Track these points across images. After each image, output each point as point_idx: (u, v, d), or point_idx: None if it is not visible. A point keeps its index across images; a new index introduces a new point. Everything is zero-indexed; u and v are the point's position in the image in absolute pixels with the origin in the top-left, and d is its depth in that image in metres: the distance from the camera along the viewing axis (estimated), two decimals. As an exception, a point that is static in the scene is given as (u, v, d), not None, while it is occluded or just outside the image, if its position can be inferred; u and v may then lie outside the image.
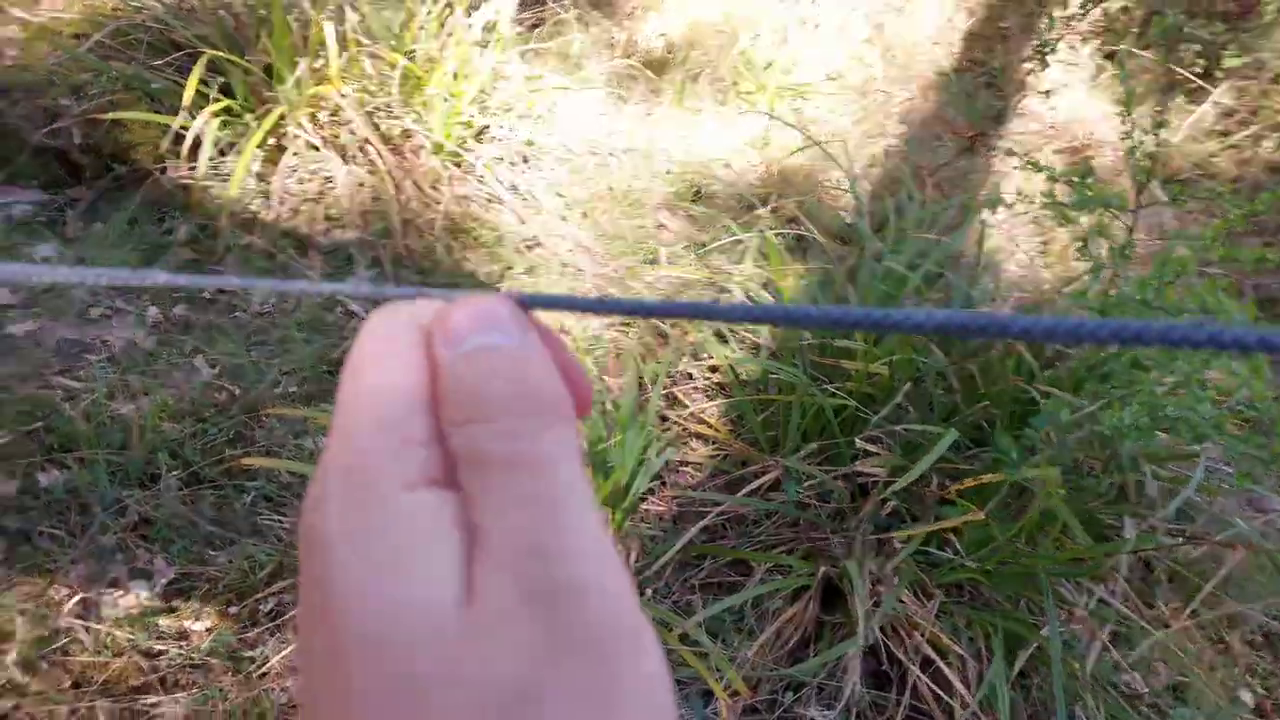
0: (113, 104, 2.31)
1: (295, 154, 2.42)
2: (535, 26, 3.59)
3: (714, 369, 2.23)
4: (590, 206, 2.75)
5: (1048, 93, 3.16)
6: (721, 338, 2.23)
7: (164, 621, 1.63)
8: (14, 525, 1.68)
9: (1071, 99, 3.44)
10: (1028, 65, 3.25)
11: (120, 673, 1.55)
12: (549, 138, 2.89)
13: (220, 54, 2.33)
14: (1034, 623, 1.73)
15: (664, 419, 2.12)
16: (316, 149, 2.44)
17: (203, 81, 2.32)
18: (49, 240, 2.19)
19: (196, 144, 2.33)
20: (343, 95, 2.41)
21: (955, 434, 1.78)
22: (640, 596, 1.73)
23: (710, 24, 3.77)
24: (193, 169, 2.34)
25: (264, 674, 1.59)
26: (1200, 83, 3.46)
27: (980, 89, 3.53)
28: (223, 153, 2.42)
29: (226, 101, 2.36)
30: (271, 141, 2.41)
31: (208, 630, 1.63)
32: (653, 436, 1.92)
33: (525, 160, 2.78)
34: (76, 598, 1.61)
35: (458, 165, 2.61)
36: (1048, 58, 2.92)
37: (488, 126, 2.71)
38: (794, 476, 1.90)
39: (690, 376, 2.24)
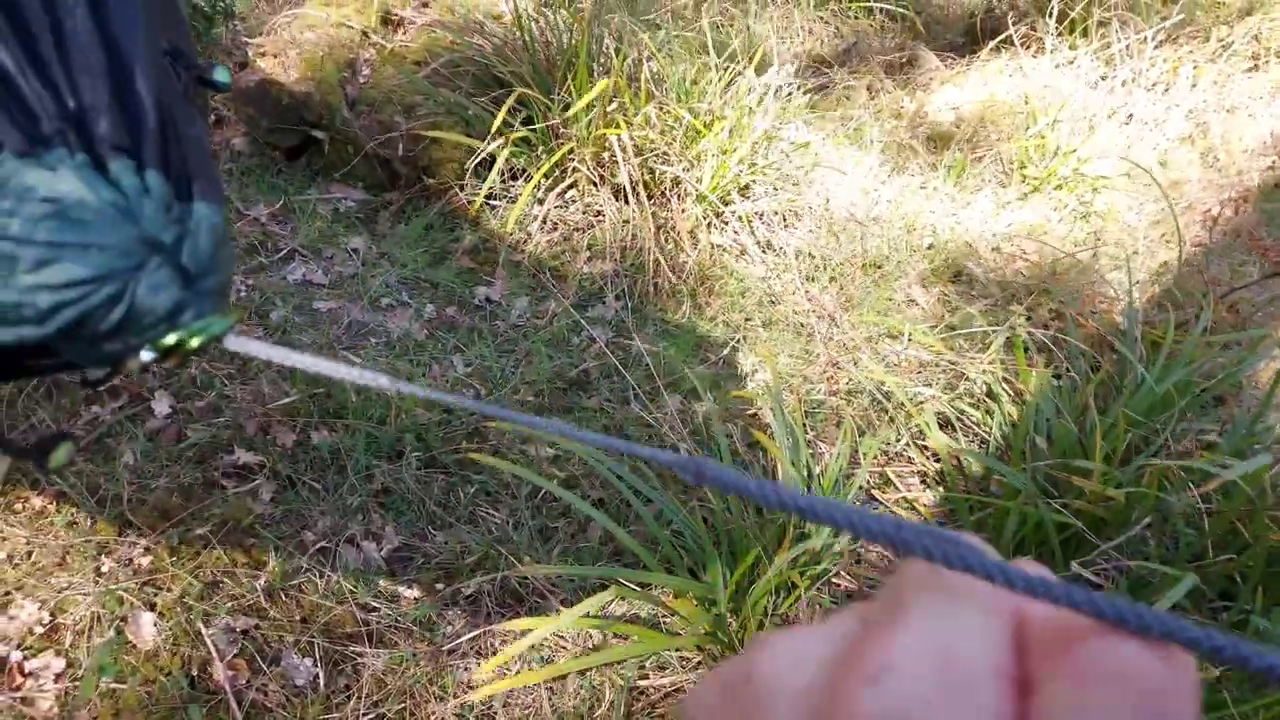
0: (434, 125, 2.64)
1: (574, 186, 2.64)
2: (823, 89, 3.66)
3: (935, 457, 2.16)
4: (840, 271, 2.75)
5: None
6: (946, 425, 2.15)
7: (382, 582, 1.83)
8: (285, 471, 1.96)
9: None
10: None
11: (340, 619, 1.77)
12: (814, 199, 2.93)
13: (529, 91, 2.60)
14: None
15: (872, 498, 2.08)
16: (595, 185, 2.64)
17: (511, 113, 2.60)
18: (361, 234, 2.54)
19: (494, 165, 2.60)
20: (626, 139, 2.60)
21: (1194, 579, 1.60)
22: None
23: (1007, 104, 3.65)
24: (487, 189, 2.62)
25: (452, 650, 1.74)
26: None
27: (1309, 206, 3.14)
28: (514, 177, 2.69)
29: (524, 131, 2.62)
30: (557, 173, 2.64)
31: (415, 600, 1.82)
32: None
33: (784, 219, 2.84)
34: (319, 544, 1.85)
35: (718, 216, 2.71)
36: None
37: (753, 183, 2.79)
38: (998, 586, 1.79)
39: (910, 460, 2.18)
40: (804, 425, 2.17)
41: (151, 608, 1.73)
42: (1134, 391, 2.03)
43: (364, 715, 1.64)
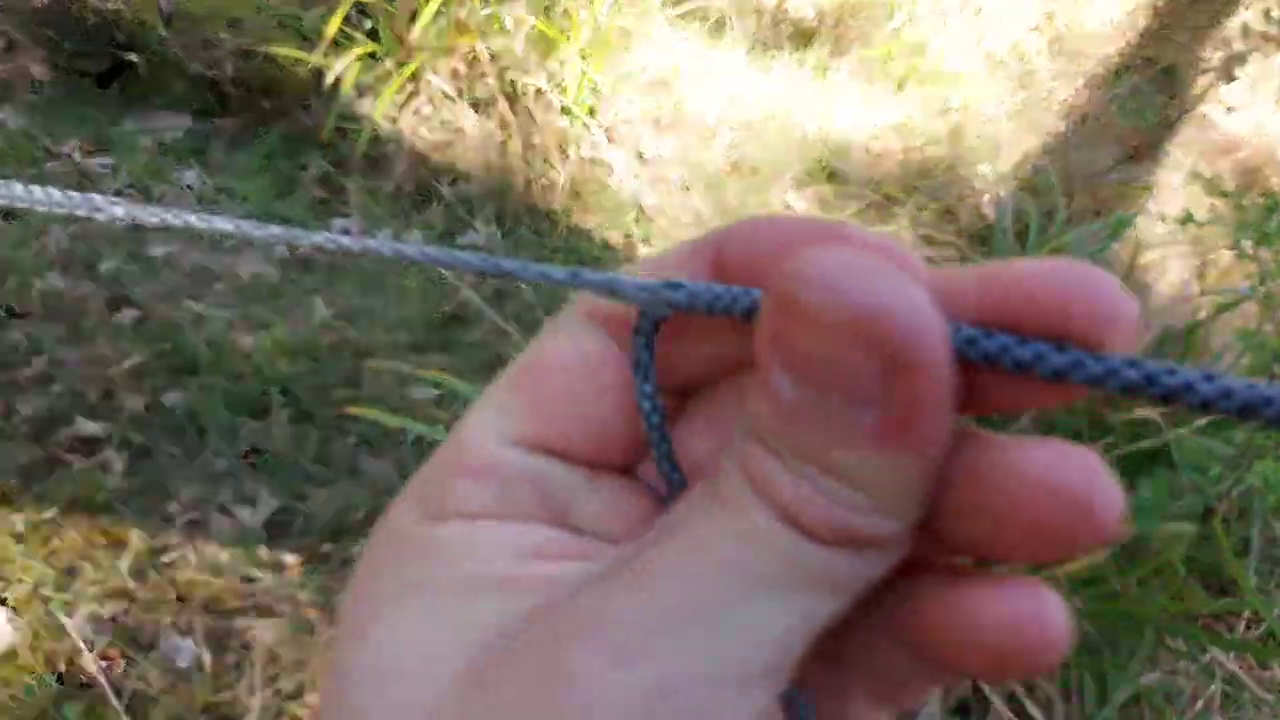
0: (266, 39, 2.38)
1: (430, 101, 2.45)
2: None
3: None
4: (717, 179, 2.69)
5: (1230, 109, 2.89)
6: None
7: (262, 550, 1.70)
8: (137, 439, 1.78)
9: (1256, 113, 3.14)
10: (1207, 72, 2.99)
11: (219, 594, 1.64)
12: (682, 104, 2.83)
13: (370, -2, 2.37)
14: (1136, 670, 1.62)
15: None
16: (451, 100, 2.46)
17: (351, 24, 2.36)
18: (193, 167, 2.29)
19: (338, 84, 2.38)
20: (480, 48, 2.42)
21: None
22: None
23: (865, -5, 3.61)
24: (331, 108, 2.40)
25: (348, 613, 1.64)
26: None
27: (1152, 92, 3.27)
28: (362, 94, 2.47)
29: (371, 46, 2.40)
30: (410, 88, 2.44)
31: (302, 564, 1.70)
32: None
33: (655, 124, 2.73)
34: (186, 516, 1.70)
35: (586, 127, 2.58)
36: (1236, 70, 2.66)
37: (620, 90, 2.67)
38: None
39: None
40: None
41: (2, 603, 1.56)
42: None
43: (260, 691, 1.54)
